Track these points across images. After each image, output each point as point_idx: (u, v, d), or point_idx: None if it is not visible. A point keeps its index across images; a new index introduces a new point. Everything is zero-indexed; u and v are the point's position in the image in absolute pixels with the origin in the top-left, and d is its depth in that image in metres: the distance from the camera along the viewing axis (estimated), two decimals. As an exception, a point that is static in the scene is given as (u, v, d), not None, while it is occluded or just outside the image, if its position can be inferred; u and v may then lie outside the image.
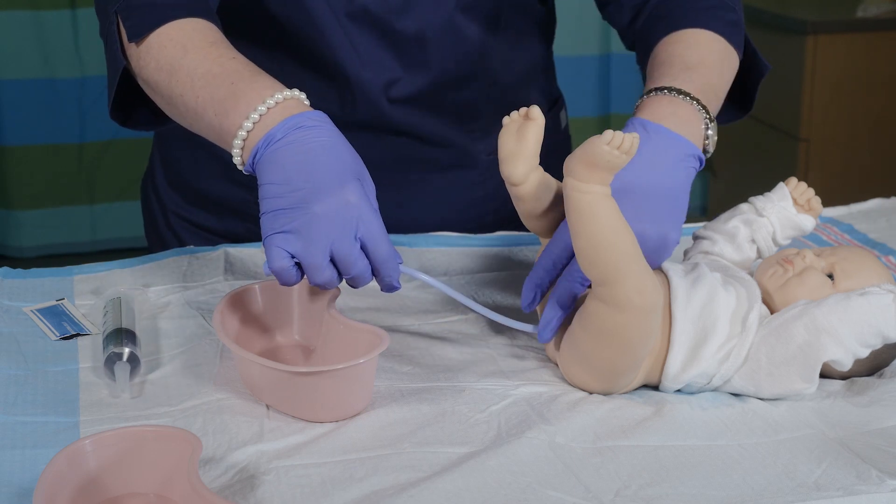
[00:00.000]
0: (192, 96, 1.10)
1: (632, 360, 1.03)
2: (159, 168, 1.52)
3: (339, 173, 1.02)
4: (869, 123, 3.33)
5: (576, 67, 3.82)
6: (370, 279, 1.03)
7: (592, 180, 0.99)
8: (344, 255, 1.00)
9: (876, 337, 1.03)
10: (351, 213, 1.00)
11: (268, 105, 1.05)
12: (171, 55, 1.13)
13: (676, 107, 1.13)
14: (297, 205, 1.00)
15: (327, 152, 1.03)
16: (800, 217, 1.18)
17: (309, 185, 1.00)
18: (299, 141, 1.03)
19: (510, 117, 1.09)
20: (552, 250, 1.08)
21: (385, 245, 1.01)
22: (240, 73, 1.10)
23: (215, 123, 1.09)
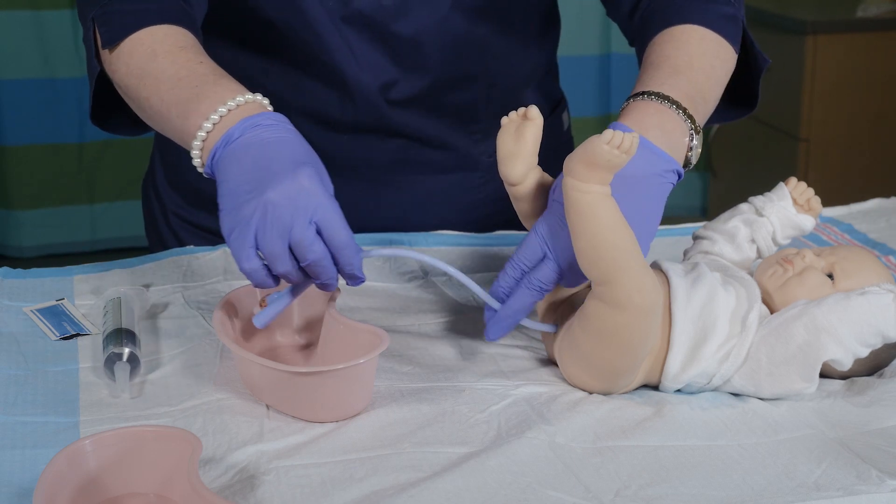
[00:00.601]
0: (157, 99, 1.11)
1: (632, 359, 1.03)
2: (159, 168, 1.52)
3: (292, 161, 1.00)
4: (869, 123, 3.33)
5: (576, 67, 3.82)
6: (332, 269, 1.01)
7: (592, 180, 0.99)
8: (298, 239, 0.98)
9: (876, 336, 1.03)
10: (305, 198, 0.98)
11: (228, 107, 1.05)
12: (141, 59, 1.14)
13: (662, 118, 1.10)
14: (251, 195, 0.99)
15: (283, 144, 1.03)
16: (800, 217, 1.18)
17: (261, 175, 0.99)
18: (255, 137, 1.03)
19: (509, 117, 1.09)
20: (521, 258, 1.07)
21: (342, 230, 0.99)
22: (205, 76, 1.10)
23: (178, 125, 1.09)
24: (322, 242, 0.99)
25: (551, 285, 1.06)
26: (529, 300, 1.06)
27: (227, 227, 1.00)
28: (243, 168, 1.01)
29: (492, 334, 1.07)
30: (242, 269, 1.00)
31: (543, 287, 1.05)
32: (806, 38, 3.21)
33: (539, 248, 1.06)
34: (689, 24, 1.22)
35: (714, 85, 1.20)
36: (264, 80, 1.38)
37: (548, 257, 1.05)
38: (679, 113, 1.11)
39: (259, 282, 1.01)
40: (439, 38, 1.35)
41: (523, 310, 1.06)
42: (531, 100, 1.47)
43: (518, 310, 1.06)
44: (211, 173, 1.06)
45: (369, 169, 1.42)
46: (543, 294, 1.06)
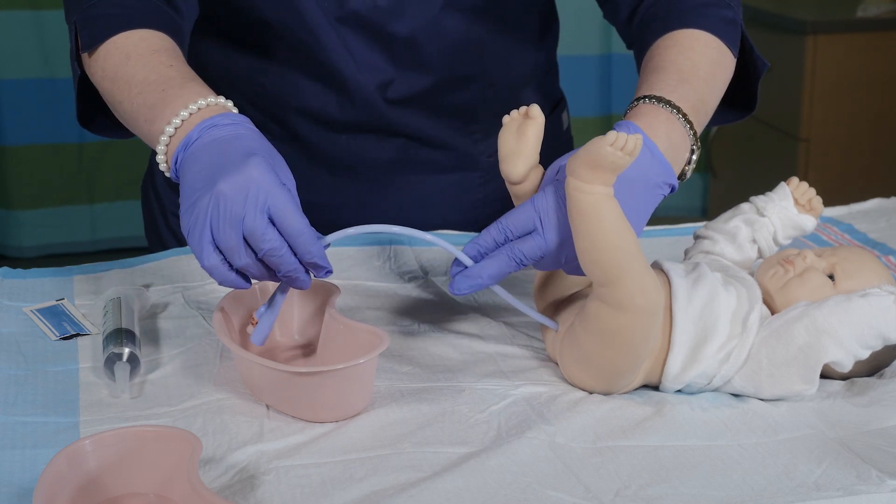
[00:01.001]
0: (128, 103, 1.11)
1: (633, 360, 1.03)
2: (159, 169, 1.51)
3: (243, 153, 0.99)
4: (869, 123, 3.33)
5: (577, 67, 3.82)
6: (291, 259, 0.99)
7: (595, 181, 0.99)
8: (251, 229, 0.96)
9: (876, 338, 1.03)
10: (254, 187, 0.96)
11: (190, 110, 1.05)
12: (115, 63, 1.14)
13: (671, 128, 1.10)
14: (203, 190, 0.98)
15: (236, 139, 1.02)
16: (801, 217, 1.18)
17: (213, 169, 0.98)
18: (212, 137, 1.02)
19: (510, 116, 1.09)
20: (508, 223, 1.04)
21: (295, 217, 0.97)
22: (172, 79, 1.10)
23: (145, 130, 1.09)
24: (276, 231, 0.97)
25: (532, 261, 1.04)
26: (506, 268, 1.03)
27: (185, 225, 0.99)
28: (199, 167, 1.00)
29: (459, 287, 1.04)
30: (203, 267, 0.98)
31: (524, 261, 1.03)
32: (806, 38, 3.21)
33: (531, 221, 1.04)
34: (690, 28, 1.22)
35: (714, 95, 1.21)
36: (263, 81, 1.38)
37: (537, 232, 1.03)
38: (686, 126, 1.11)
39: (222, 279, 0.99)
40: (436, 37, 1.35)
41: (497, 276, 1.03)
42: (530, 99, 1.47)
43: (492, 274, 1.03)
44: (176, 178, 1.05)
45: (368, 169, 1.42)
46: (520, 267, 1.03)
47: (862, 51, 3.26)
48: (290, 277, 1.00)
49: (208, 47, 1.40)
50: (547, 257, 1.04)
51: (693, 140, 1.12)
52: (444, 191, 1.45)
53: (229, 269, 0.99)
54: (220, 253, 0.98)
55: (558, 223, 1.02)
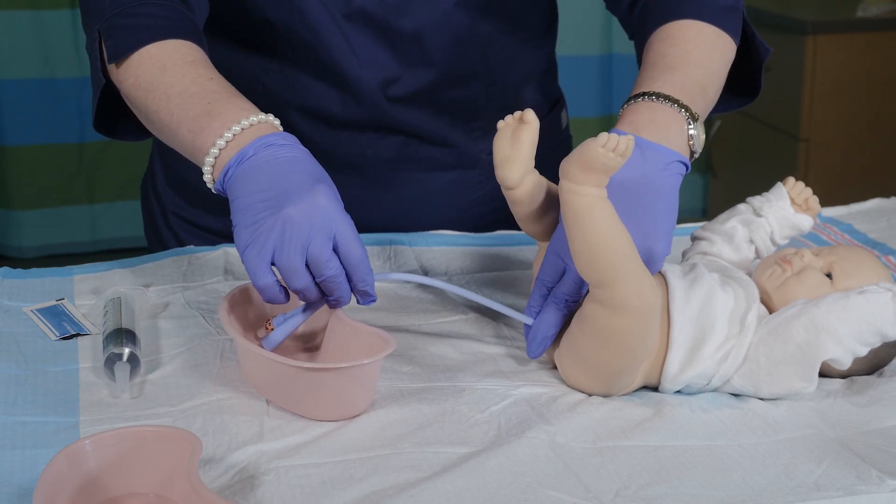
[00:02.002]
0: (167, 113, 1.12)
1: (630, 361, 1.03)
2: (159, 168, 1.52)
3: (308, 178, 1.02)
4: (869, 123, 3.33)
5: (577, 67, 3.82)
6: (347, 286, 1.03)
7: (588, 182, 0.99)
8: (317, 255, 0.99)
9: (875, 335, 1.03)
10: (323, 215, 1.00)
11: (242, 126, 1.06)
12: (149, 72, 1.14)
13: (654, 112, 1.11)
14: (268, 211, 1.00)
15: (297, 163, 1.04)
16: (798, 217, 1.18)
17: (279, 191, 1.01)
18: (270, 156, 1.04)
19: (505, 121, 1.09)
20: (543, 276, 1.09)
21: (358, 248, 1.01)
22: (217, 93, 1.11)
23: (188, 140, 1.10)
24: (338, 260, 1.01)
25: (576, 295, 1.07)
26: (558, 313, 1.08)
27: (243, 241, 1.01)
28: (259, 185, 1.02)
29: (533, 352, 1.09)
30: (257, 285, 1.01)
31: (569, 299, 1.07)
32: (806, 38, 3.22)
33: (557, 265, 1.07)
34: (687, 18, 1.22)
35: (713, 77, 1.20)
36: (264, 79, 1.38)
37: (568, 270, 1.07)
38: (671, 105, 1.11)
39: (272, 297, 1.02)
40: (441, 34, 1.35)
41: (554, 323, 1.08)
42: (530, 98, 1.47)
43: (549, 323, 1.08)
44: (221, 190, 1.07)
45: (369, 166, 1.42)
46: (571, 305, 1.07)
47: (862, 51, 3.26)
48: (337, 301, 1.04)
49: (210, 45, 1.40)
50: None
51: (686, 115, 1.12)
52: (444, 188, 1.45)
53: (280, 289, 1.02)
54: (273, 275, 1.01)
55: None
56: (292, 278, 1.00)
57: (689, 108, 1.12)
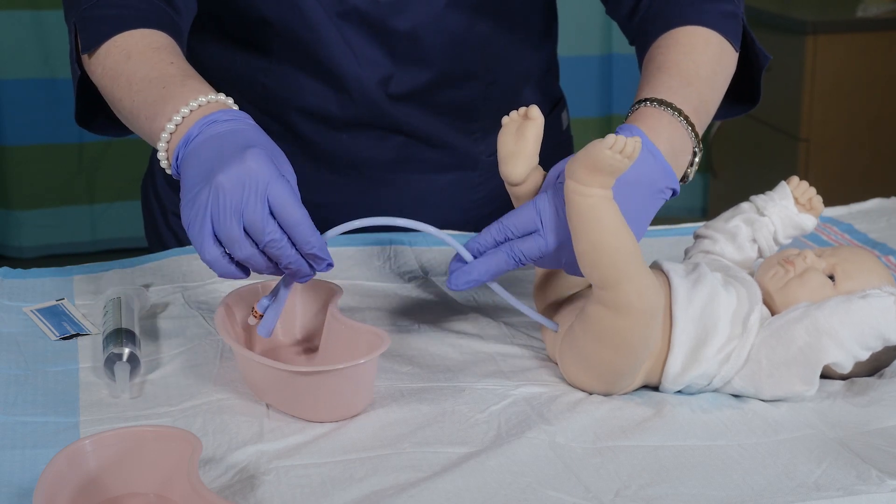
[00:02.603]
0: (129, 100, 1.11)
1: (632, 362, 1.03)
2: (159, 168, 1.52)
3: (241, 145, 0.99)
4: (869, 123, 3.33)
5: (577, 68, 3.82)
6: (291, 250, 0.99)
7: (594, 184, 0.99)
8: (251, 220, 0.96)
9: (877, 339, 1.03)
10: (254, 178, 0.96)
11: (191, 107, 1.05)
12: (116, 61, 1.14)
13: (674, 133, 1.10)
14: (202, 184, 0.98)
15: (235, 134, 1.02)
16: (801, 216, 1.18)
17: (213, 163, 0.98)
18: (212, 132, 1.03)
19: (509, 117, 1.09)
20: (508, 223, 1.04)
21: (295, 208, 0.97)
22: (173, 77, 1.10)
23: (146, 127, 1.09)
24: (276, 223, 0.98)
25: (531, 261, 1.04)
26: (504, 266, 1.04)
27: (185, 219, 0.99)
28: (199, 162, 1.00)
29: (457, 282, 1.04)
30: (204, 259, 0.98)
31: (524, 260, 1.04)
32: (806, 38, 3.22)
33: (532, 221, 1.04)
34: (691, 25, 1.22)
35: (716, 94, 1.21)
36: (263, 79, 1.38)
37: (538, 232, 1.03)
38: (689, 131, 1.12)
39: (223, 271, 0.99)
40: (437, 33, 1.35)
41: (494, 272, 1.04)
42: (530, 98, 1.47)
43: (490, 271, 1.04)
44: (178, 175, 1.05)
45: (369, 167, 1.42)
46: (518, 266, 1.04)
47: (862, 51, 3.26)
48: (291, 270, 1.01)
49: (208, 46, 1.40)
50: (546, 257, 1.04)
51: (695, 143, 1.13)
52: (444, 190, 1.45)
53: (230, 261, 0.99)
54: (220, 245, 0.98)
55: (559, 225, 1.03)
56: (234, 247, 0.97)
57: (697, 136, 1.13)
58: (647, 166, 1.06)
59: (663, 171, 1.07)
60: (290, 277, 1.03)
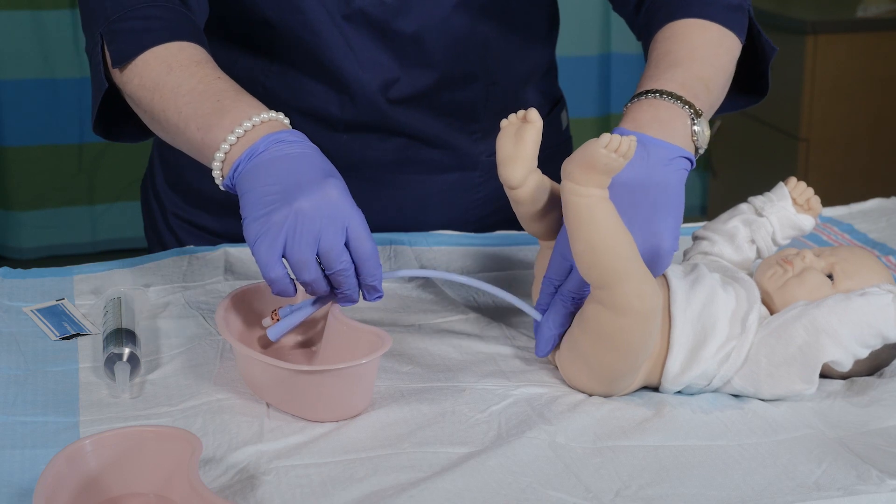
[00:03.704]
0: (174, 112, 1.12)
1: (631, 362, 1.03)
2: (159, 169, 1.52)
3: (319, 172, 1.03)
4: (869, 123, 3.33)
5: (576, 67, 3.82)
6: (355, 280, 1.03)
7: (590, 183, 0.99)
8: (329, 248, 1.00)
9: (876, 337, 1.03)
10: (335, 208, 1.00)
11: (253, 122, 1.07)
12: (156, 73, 1.15)
13: (657, 110, 1.11)
14: (279, 203, 1.00)
15: (307, 158, 1.05)
16: (799, 217, 1.18)
17: (289, 185, 1.01)
18: (280, 151, 1.05)
19: (508, 120, 1.09)
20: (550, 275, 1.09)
21: (369, 242, 1.02)
22: (226, 91, 1.11)
23: (197, 138, 1.10)
24: (349, 253, 1.01)
25: (582, 293, 1.07)
26: (564, 310, 1.07)
27: (253, 233, 1.01)
28: (269, 180, 1.02)
29: (541, 350, 1.09)
30: (267, 277, 1.01)
31: (574, 296, 1.07)
32: (806, 38, 3.22)
33: (563, 263, 1.07)
34: (692, 17, 1.22)
35: (718, 73, 1.20)
36: (264, 80, 1.38)
37: (574, 268, 1.06)
38: (674, 102, 1.11)
39: (281, 290, 1.02)
40: (442, 35, 1.35)
41: (562, 321, 1.08)
42: (531, 99, 1.47)
43: (556, 321, 1.08)
44: (230, 186, 1.07)
45: (369, 168, 1.42)
46: (578, 302, 1.07)
47: (862, 51, 3.26)
48: (345, 296, 1.04)
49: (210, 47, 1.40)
50: None
51: (690, 112, 1.12)
52: (445, 190, 1.45)
53: (290, 281, 1.02)
54: (284, 267, 1.01)
55: None
56: (302, 271, 1.01)
57: (692, 104, 1.12)
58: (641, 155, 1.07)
59: (660, 147, 1.07)
60: (340, 302, 1.06)
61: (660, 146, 1.08)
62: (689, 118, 1.12)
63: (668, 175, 1.07)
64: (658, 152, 1.07)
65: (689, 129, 1.11)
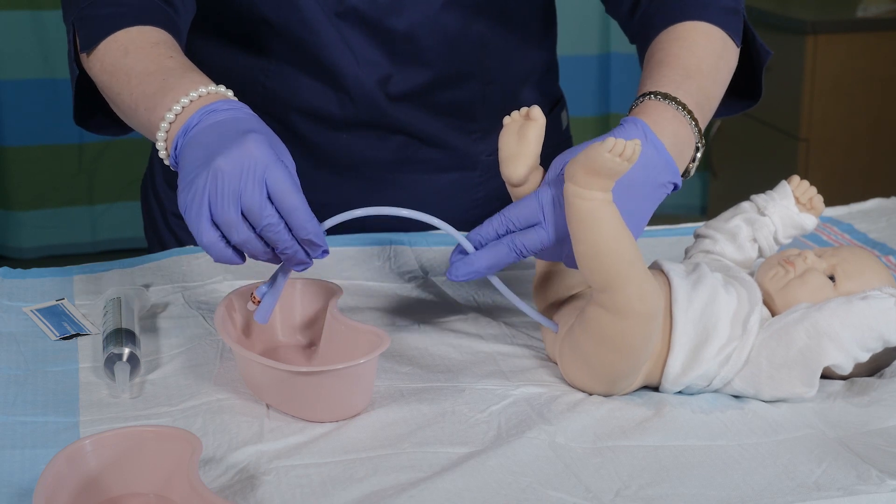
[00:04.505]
0: (127, 94, 1.12)
1: (632, 364, 1.03)
2: (158, 169, 1.52)
3: (241, 131, 1.00)
4: (869, 123, 3.33)
5: (575, 67, 3.82)
6: (288, 236, 0.99)
7: (594, 187, 0.99)
8: (249, 204, 0.96)
9: (877, 341, 1.03)
10: (253, 162, 0.97)
11: (190, 98, 1.05)
12: (114, 57, 1.15)
13: (678, 127, 1.10)
14: (201, 168, 0.98)
15: (234, 121, 1.02)
16: (802, 216, 1.18)
17: (212, 148, 0.99)
18: (211, 120, 1.03)
19: (511, 117, 1.09)
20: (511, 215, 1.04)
21: (293, 194, 0.97)
22: (172, 70, 1.10)
23: (145, 119, 1.09)
24: (274, 208, 0.98)
25: (532, 253, 1.04)
26: (506, 258, 1.04)
27: (182, 203, 0.99)
28: (199, 148, 1.01)
29: (457, 273, 1.04)
30: (200, 243, 0.98)
31: (525, 252, 1.04)
32: (806, 38, 3.22)
33: (534, 214, 1.04)
34: (692, 20, 1.22)
35: (718, 88, 1.21)
36: (262, 80, 1.38)
37: (540, 225, 1.04)
38: (692, 125, 1.11)
39: (219, 255, 0.99)
40: (434, 33, 1.35)
41: (495, 265, 1.04)
42: (529, 98, 1.47)
43: (492, 262, 1.04)
44: (175, 164, 1.05)
45: (368, 167, 1.42)
46: (520, 258, 1.04)
47: (862, 51, 3.26)
48: (288, 256, 1.00)
49: (207, 46, 1.40)
50: (547, 250, 1.04)
51: (697, 137, 1.12)
52: (444, 190, 1.45)
53: (226, 245, 0.99)
54: (217, 229, 0.98)
55: (560, 217, 1.03)
56: (231, 231, 0.97)
57: (700, 131, 1.13)
58: (650, 161, 1.06)
59: (666, 164, 1.07)
60: (288, 264, 1.03)
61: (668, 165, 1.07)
62: (696, 147, 1.12)
63: (656, 192, 1.07)
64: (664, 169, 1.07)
65: (693, 156, 1.12)
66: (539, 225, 1.04)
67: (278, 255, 1.01)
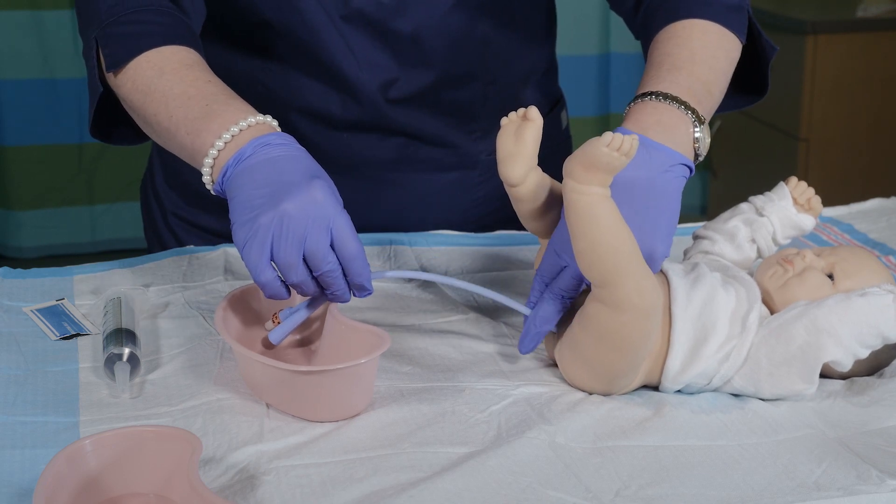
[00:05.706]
0: (165, 116, 1.12)
1: (631, 361, 1.03)
2: (158, 169, 1.52)
3: (305, 174, 1.03)
4: (869, 123, 3.33)
5: (575, 67, 3.82)
6: (343, 280, 1.03)
7: (592, 182, 0.99)
8: (314, 249, 1.00)
9: (876, 337, 1.03)
10: (319, 210, 1.00)
11: (240, 126, 1.07)
12: (148, 77, 1.15)
13: (661, 114, 1.11)
14: (265, 207, 1.00)
15: (294, 160, 1.05)
16: (800, 217, 1.18)
17: (275, 188, 1.01)
18: (267, 155, 1.05)
19: (508, 118, 1.09)
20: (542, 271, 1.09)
21: (355, 243, 1.02)
22: (215, 95, 1.12)
23: (187, 143, 1.10)
24: (335, 255, 1.01)
25: (574, 291, 1.07)
26: (553, 308, 1.08)
27: (241, 238, 1.01)
28: (256, 183, 1.03)
29: (524, 347, 1.09)
30: (258, 281, 1.01)
31: (565, 294, 1.07)
32: (806, 38, 3.22)
33: (557, 261, 1.07)
34: (692, 18, 1.22)
35: (719, 76, 1.20)
36: (264, 80, 1.38)
37: (567, 267, 1.07)
38: (678, 107, 1.11)
39: (273, 293, 1.02)
40: (439, 35, 1.35)
41: (550, 318, 1.08)
42: (530, 98, 1.47)
43: (544, 317, 1.08)
44: (220, 191, 1.07)
45: (369, 167, 1.42)
46: (567, 301, 1.07)
47: (862, 51, 3.26)
48: (335, 296, 1.04)
49: (208, 46, 1.40)
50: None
51: (693, 117, 1.12)
52: (444, 189, 1.45)
53: (282, 284, 1.03)
54: (274, 270, 1.02)
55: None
56: (290, 273, 1.01)
57: (695, 110, 1.12)
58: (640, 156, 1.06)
59: (662, 153, 1.07)
60: (331, 300, 1.06)
61: (661, 151, 1.08)
62: (692, 124, 1.12)
63: (666, 181, 1.07)
64: (659, 157, 1.07)
65: (692, 135, 1.12)
66: (566, 267, 1.07)
67: (327, 294, 1.05)
